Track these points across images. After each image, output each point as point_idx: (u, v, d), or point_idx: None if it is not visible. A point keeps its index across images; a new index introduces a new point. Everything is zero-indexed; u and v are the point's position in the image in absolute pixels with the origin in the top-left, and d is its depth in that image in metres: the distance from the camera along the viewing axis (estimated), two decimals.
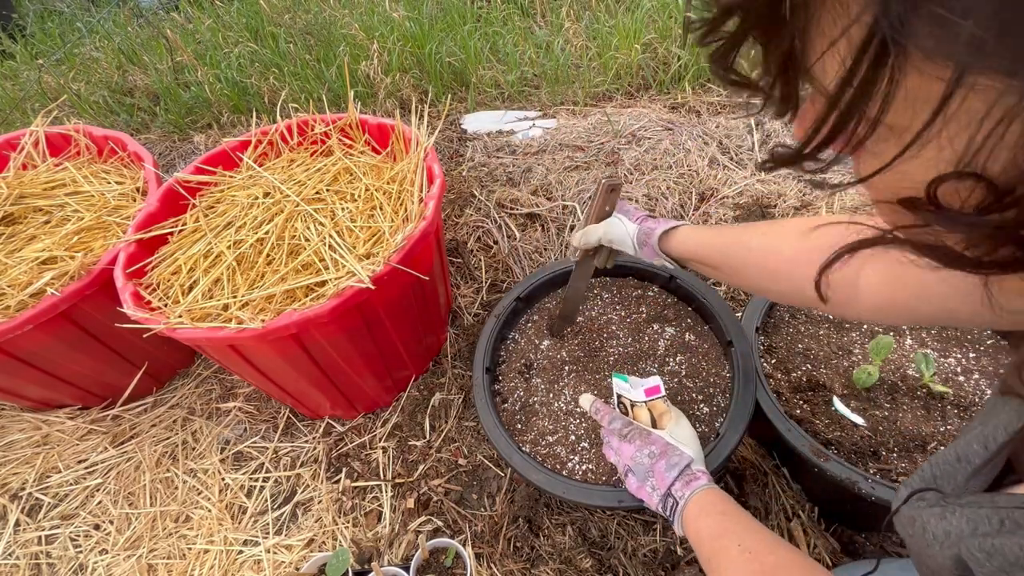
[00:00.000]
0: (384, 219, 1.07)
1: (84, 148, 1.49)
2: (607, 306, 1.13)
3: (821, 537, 0.95)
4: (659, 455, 0.72)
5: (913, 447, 0.85)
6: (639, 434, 0.76)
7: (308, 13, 2.43)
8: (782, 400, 0.93)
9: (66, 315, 1.10)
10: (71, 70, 2.46)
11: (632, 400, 0.83)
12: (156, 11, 2.84)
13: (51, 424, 1.35)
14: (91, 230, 1.25)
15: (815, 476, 0.83)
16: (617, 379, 0.87)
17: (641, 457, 0.73)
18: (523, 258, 1.47)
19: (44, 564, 1.15)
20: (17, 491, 1.26)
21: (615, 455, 0.78)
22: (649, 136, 1.70)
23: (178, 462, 1.26)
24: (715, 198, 1.49)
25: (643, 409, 0.81)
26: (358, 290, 0.90)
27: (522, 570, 1.00)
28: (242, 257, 1.04)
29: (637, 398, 0.82)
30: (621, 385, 0.86)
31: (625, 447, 0.76)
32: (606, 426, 0.81)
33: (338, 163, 1.22)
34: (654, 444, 0.74)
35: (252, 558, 1.09)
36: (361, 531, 1.10)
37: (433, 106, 2.00)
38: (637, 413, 0.82)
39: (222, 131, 2.11)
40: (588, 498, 0.83)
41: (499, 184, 1.62)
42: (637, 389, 0.83)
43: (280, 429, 1.28)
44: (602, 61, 1.97)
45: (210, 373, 1.44)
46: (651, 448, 0.73)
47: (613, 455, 0.78)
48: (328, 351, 1.00)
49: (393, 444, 1.21)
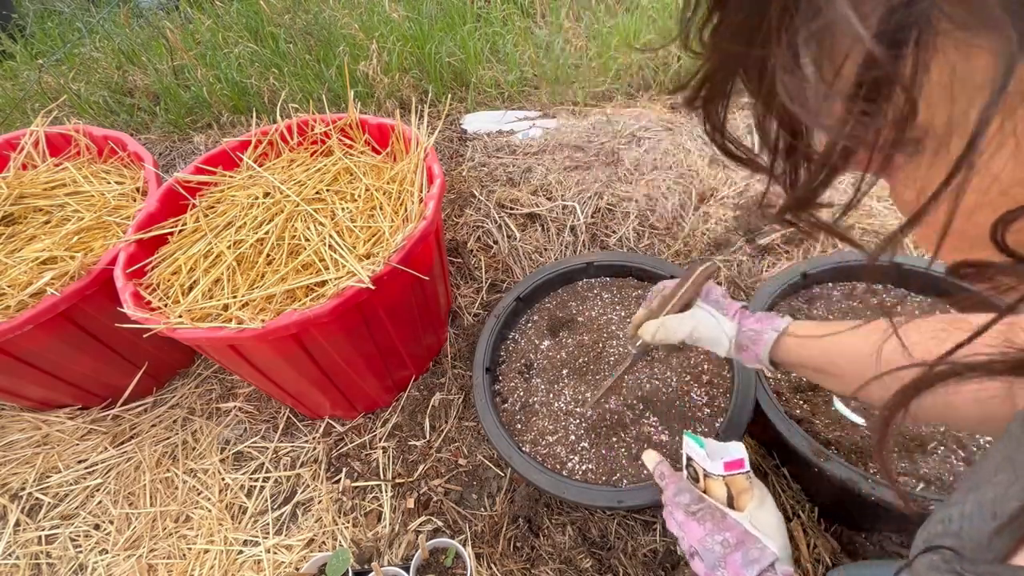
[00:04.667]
0: (384, 219, 1.07)
1: (84, 148, 1.49)
2: (607, 306, 1.13)
3: (821, 537, 0.95)
4: (735, 546, 0.59)
5: (913, 447, 0.85)
6: (711, 515, 0.63)
7: (308, 13, 2.43)
8: (782, 400, 0.93)
9: (66, 315, 1.10)
10: (71, 70, 2.46)
11: (707, 471, 0.68)
12: (156, 11, 2.83)
13: (51, 424, 1.35)
14: (91, 230, 1.25)
15: (815, 476, 0.83)
16: (689, 439, 0.71)
17: (712, 544, 0.61)
18: (523, 258, 1.47)
19: (44, 564, 1.15)
20: (17, 491, 1.26)
21: (678, 530, 0.65)
22: (649, 136, 1.70)
23: (178, 462, 1.26)
24: (715, 198, 1.49)
25: (719, 483, 0.67)
26: (358, 290, 0.90)
27: (522, 570, 1.00)
28: (242, 257, 1.04)
29: (714, 471, 0.67)
30: (694, 449, 0.70)
31: (693, 527, 0.63)
32: (670, 497, 0.68)
33: (338, 163, 1.22)
34: (730, 531, 0.61)
35: (252, 558, 1.09)
36: (361, 531, 1.10)
37: (433, 106, 2.00)
38: (710, 486, 0.68)
39: (222, 131, 2.11)
40: (588, 498, 0.83)
41: (499, 184, 1.62)
42: (715, 460, 0.67)
43: (280, 429, 1.28)
44: (602, 61, 1.97)
45: (210, 373, 1.44)
46: (726, 535, 0.61)
47: (676, 529, 0.66)
48: (328, 351, 1.00)
49: (393, 444, 1.21)
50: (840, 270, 1.09)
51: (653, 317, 0.75)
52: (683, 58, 1.88)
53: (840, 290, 1.09)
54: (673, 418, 0.94)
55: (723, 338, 0.71)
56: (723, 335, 0.71)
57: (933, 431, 0.86)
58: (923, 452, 0.84)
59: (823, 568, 0.93)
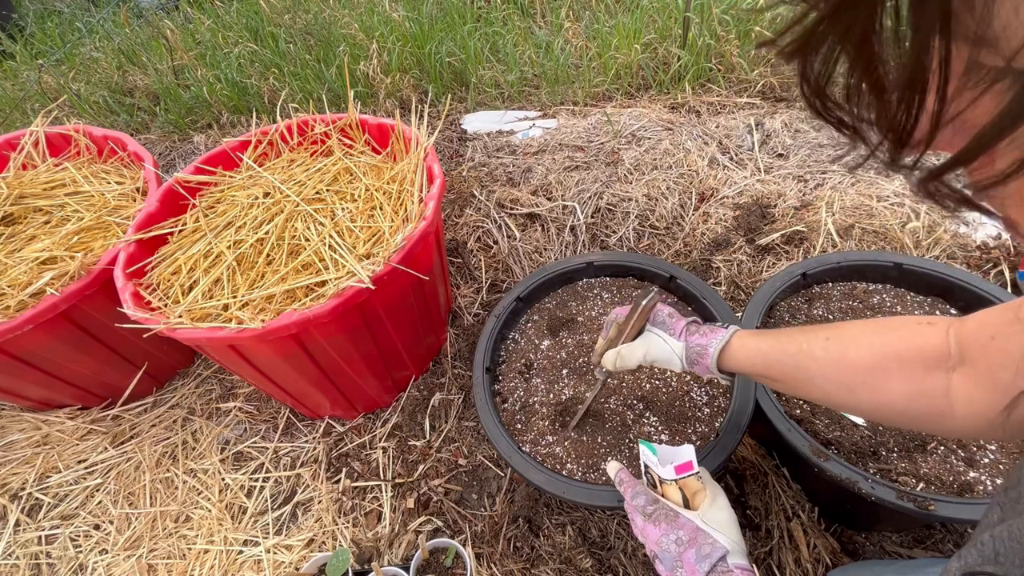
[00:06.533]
0: (384, 219, 1.07)
1: (84, 148, 1.49)
2: (607, 306, 1.13)
3: (821, 537, 0.95)
4: (688, 543, 0.62)
5: (913, 447, 0.85)
6: (665, 515, 0.66)
7: (308, 13, 2.43)
8: (782, 400, 0.93)
9: (66, 315, 1.10)
10: (71, 70, 2.46)
11: (660, 476, 0.70)
12: (156, 11, 2.84)
13: (51, 424, 1.35)
14: (91, 230, 1.25)
15: (815, 476, 0.83)
16: (644, 447, 0.74)
17: (667, 543, 0.63)
18: (523, 258, 1.47)
19: (44, 564, 1.15)
20: (17, 491, 1.26)
21: (640, 535, 0.68)
22: (649, 136, 1.70)
23: (178, 462, 1.26)
24: (715, 198, 1.49)
25: (673, 487, 0.69)
26: (358, 290, 0.90)
27: (522, 570, 1.00)
28: (242, 257, 1.04)
29: (666, 476, 0.69)
30: (648, 456, 0.73)
31: (649, 529, 0.66)
32: (629, 501, 0.71)
33: (338, 163, 1.22)
34: (682, 528, 0.63)
35: (252, 558, 1.09)
36: (361, 531, 1.10)
37: (433, 106, 2.00)
38: (667, 490, 0.70)
39: (222, 131, 2.11)
40: (588, 498, 0.83)
41: (499, 184, 1.62)
42: (666, 466, 0.69)
43: (280, 429, 1.28)
44: (602, 61, 1.97)
45: (210, 373, 1.44)
46: (678, 533, 0.63)
47: (638, 534, 0.68)
48: (328, 351, 1.00)
49: (393, 444, 1.21)
50: (840, 270, 1.09)
51: (612, 346, 0.81)
52: (683, 58, 1.88)
53: (840, 290, 1.09)
54: (673, 418, 0.94)
55: (673, 357, 0.76)
56: (673, 354, 0.76)
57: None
58: (923, 452, 0.84)
59: (823, 568, 0.93)
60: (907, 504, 0.74)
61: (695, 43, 1.87)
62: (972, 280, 1.00)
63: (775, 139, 1.64)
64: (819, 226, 1.34)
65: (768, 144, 1.63)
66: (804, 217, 1.39)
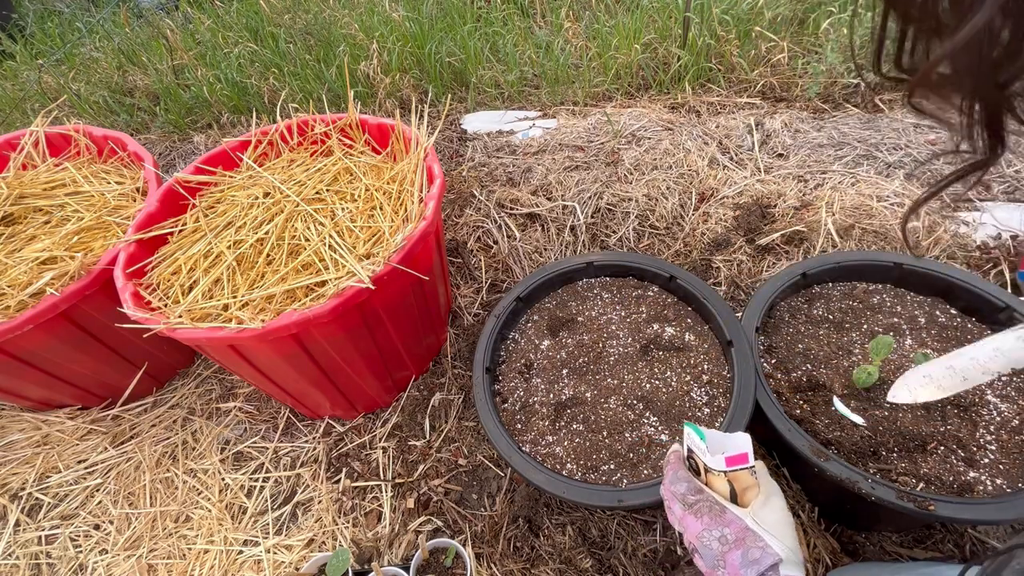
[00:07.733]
0: (384, 219, 1.07)
1: (84, 148, 1.49)
2: (607, 306, 1.13)
3: (821, 537, 0.95)
4: (734, 543, 0.55)
5: (913, 447, 0.85)
6: (709, 508, 0.58)
7: (308, 13, 2.43)
8: (782, 400, 0.93)
9: (66, 315, 1.10)
10: (71, 70, 2.46)
11: (707, 465, 0.62)
12: (156, 11, 2.84)
13: (51, 424, 1.35)
14: (91, 230, 1.25)
15: (815, 476, 0.83)
16: (690, 430, 0.65)
17: (709, 539, 0.56)
18: (523, 258, 1.47)
19: (44, 564, 1.15)
20: (17, 491, 1.26)
21: (678, 525, 0.61)
22: (649, 136, 1.70)
23: (178, 462, 1.26)
24: (715, 198, 1.49)
25: (720, 478, 0.62)
26: (358, 290, 0.90)
27: (522, 570, 1.00)
28: (242, 257, 1.04)
29: (715, 466, 0.61)
30: (695, 441, 0.64)
31: (690, 521, 0.58)
32: (667, 485, 0.64)
33: (338, 163, 1.22)
34: (728, 526, 0.56)
35: (252, 558, 1.09)
36: (361, 531, 1.10)
37: (433, 106, 2.00)
38: (711, 480, 0.63)
39: (222, 131, 2.11)
40: (588, 498, 0.83)
41: (499, 184, 1.62)
42: (716, 455, 0.62)
43: (280, 429, 1.28)
44: (602, 61, 1.97)
45: (210, 373, 1.44)
46: (723, 531, 0.56)
47: (676, 524, 0.61)
48: (328, 351, 1.00)
49: (393, 444, 1.21)
50: (840, 270, 1.09)
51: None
52: (683, 58, 1.88)
53: (840, 290, 1.09)
54: (673, 418, 0.94)
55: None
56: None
57: (933, 431, 0.86)
58: (923, 452, 0.84)
59: (823, 568, 0.93)
60: (907, 504, 0.74)
61: (695, 43, 1.87)
62: (972, 280, 1.00)
63: (775, 139, 1.64)
64: (819, 226, 1.34)
65: (768, 144, 1.63)
66: (804, 217, 1.39)
